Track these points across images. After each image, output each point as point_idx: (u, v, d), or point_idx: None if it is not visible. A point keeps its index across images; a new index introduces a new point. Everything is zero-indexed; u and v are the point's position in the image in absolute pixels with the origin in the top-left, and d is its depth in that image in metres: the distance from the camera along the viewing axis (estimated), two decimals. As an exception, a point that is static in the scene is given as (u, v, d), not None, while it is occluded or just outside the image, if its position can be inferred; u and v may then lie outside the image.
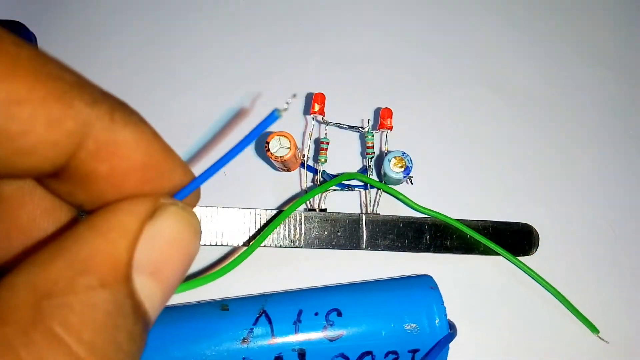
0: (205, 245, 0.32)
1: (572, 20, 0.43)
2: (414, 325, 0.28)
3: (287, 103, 0.15)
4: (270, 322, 0.27)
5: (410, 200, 0.34)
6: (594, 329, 0.33)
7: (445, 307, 0.28)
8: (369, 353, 0.27)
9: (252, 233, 0.33)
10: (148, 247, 0.13)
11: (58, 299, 0.11)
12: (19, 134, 0.11)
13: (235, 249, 0.34)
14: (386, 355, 0.27)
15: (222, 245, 0.32)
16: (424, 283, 0.30)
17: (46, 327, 0.11)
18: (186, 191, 0.15)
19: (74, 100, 0.12)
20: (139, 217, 0.13)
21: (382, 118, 0.34)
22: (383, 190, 0.33)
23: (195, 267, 0.33)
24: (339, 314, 0.28)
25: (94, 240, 0.12)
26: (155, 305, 0.13)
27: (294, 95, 0.19)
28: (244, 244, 0.33)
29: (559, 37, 0.42)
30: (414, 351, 0.28)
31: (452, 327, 0.29)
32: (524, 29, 0.42)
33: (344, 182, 0.35)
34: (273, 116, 0.15)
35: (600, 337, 0.33)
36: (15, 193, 0.15)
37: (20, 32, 0.35)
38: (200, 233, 0.15)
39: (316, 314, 0.28)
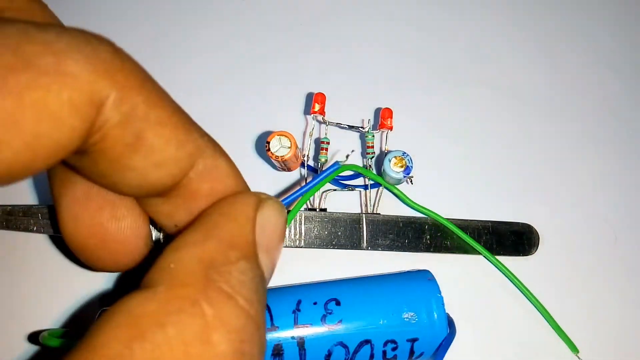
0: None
1: (573, 20, 0.43)
2: (412, 314, 0.28)
3: (347, 156, 0.23)
4: (269, 311, 0.28)
5: (405, 195, 0.33)
6: (574, 348, 0.33)
7: (442, 297, 0.29)
8: (367, 342, 0.28)
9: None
10: (261, 231, 0.16)
11: (220, 267, 0.15)
12: (159, 149, 0.15)
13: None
14: (385, 344, 0.28)
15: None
16: (422, 275, 0.31)
17: (218, 287, 0.14)
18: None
19: (192, 130, 0.16)
20: (253, 207, 0.17)
21: (382, 118, 0.34)
22: (377, 182, 0.33)
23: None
24: (338, 303, 0.28)
25: (230, 224, 0.16)
26: (269, 277, 0.17)
27: (352, 151, 0.28)
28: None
29: (559, 37, 0.42)
30: (413, 340, 0.28)
31: (450, 324, 0.29)
32: (525, 29, 0.42)
33: (344, 182, 0.35)
34: (336, 165, 0.22)
35: (579, 358, 0.33)
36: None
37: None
38: (287, 221, 0.19)
39: (315, 303, 0.28)
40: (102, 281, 0.32)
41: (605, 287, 0.35)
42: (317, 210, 0.34)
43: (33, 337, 0.31)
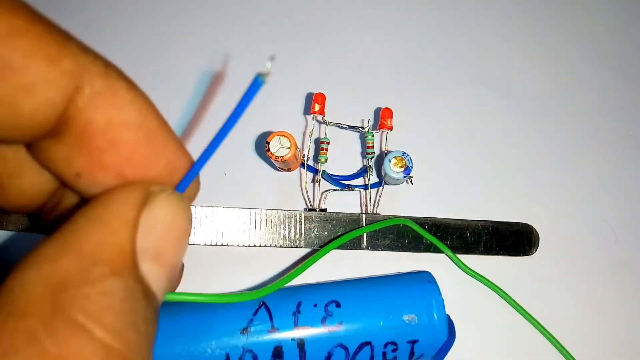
0: (205, 245, 0.32)
1: (573, 20, 0.43)
2: (412, 316, 0.28)
3: (267, 66, 0.15)
4: (269, 313, 0.28)
5: (459, 260, 0.34)
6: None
7: (443, 299, 0.29)
8: (368, 343, 0.28)
9: (252, 233, 0.33)
10: (147, 234, 0.13)
11: (74, 290, 0.11)
12: (21, 67, 0.12)
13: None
14: (385, 345, 0.28)
15: (222, 245, 0.32)
16: (423, 277, 0.30)
17: (67, 317, 0.11)
18: (187, 180, 0.15)
19: (69, 43, 0.13)
20: (134, 206, 0.13)
21: (382, 118, 0.34)
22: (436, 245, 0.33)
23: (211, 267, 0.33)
24: (338, 305, 0.28)
25: (97, 231, 0.13)
26: (161, 287, 0.14)
27: (272, 58, 0.18)
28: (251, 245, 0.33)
29: (559, 37, 0.42)
30: (413, 342, 0.28)
31: (450, 327, 0.29)
32: (525, 29, 0.42)
33: (345, 182, 0.35)
34: (257, 83, 0.14)
35: None
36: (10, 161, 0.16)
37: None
38: (191, 214, 0.15)
39: (315, 305, 0.28)
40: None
41: (605, 287, 0.35)
42: (317, 210, 0.34)
43: None
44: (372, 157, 0.34)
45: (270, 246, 0.33)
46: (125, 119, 0.14)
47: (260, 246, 0.33)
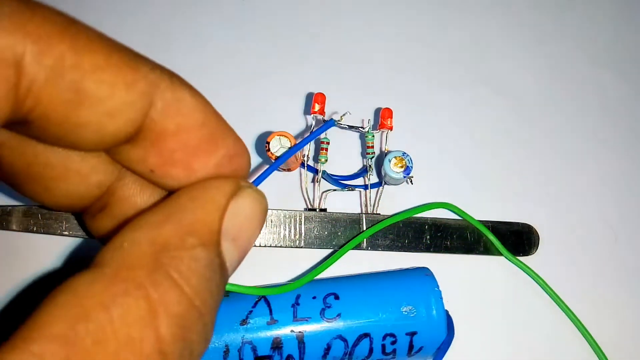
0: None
1: (573, 20, 0.43)
2: (410, 307, 0.28)
3: (342, 116, 0.21)
4: (269, 305, 0.28)
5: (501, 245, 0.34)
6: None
7: (440, 291, 0.29)
8: (366, 335, 0.28)
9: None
10: (231, 219, 0.16)
11: (172, 252, 0.14)
12: (106, 97, 0.14)
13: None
14: (384, 337, 0.28)
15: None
16: (420, 271, 0.31)
17: (165, 272, 0.14)
18: (261, 179, 0.20)
19: (139, 65, 0.15)
20: (226, 195, 0.16)
21: (382, 118, 0.34)
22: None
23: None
24: (336, 297, 0.28)
25: (195, 209, 0.16)
26: (232, 264, 0.17)
27: (348, 114, 0.25)
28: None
29: (560, 37, 0.42)
30: (412, 334, 0.28)
31: (449, 324, 0.29)
32: (526, 29, 0.42)
33: (344, 182, 0.35)
34: (330, 123, 0.20)
35: None
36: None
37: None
38: (267, 209, 0.18)
39: (314, 297, 0.28)
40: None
41: (606, 287, 0.35)
42: (317, 210, 0.34)
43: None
44: (372, 157, 0.34)
45: (270, 246, 0.33)
46: (192, 122, 0.16)
47: (260, 246, 0.33)
